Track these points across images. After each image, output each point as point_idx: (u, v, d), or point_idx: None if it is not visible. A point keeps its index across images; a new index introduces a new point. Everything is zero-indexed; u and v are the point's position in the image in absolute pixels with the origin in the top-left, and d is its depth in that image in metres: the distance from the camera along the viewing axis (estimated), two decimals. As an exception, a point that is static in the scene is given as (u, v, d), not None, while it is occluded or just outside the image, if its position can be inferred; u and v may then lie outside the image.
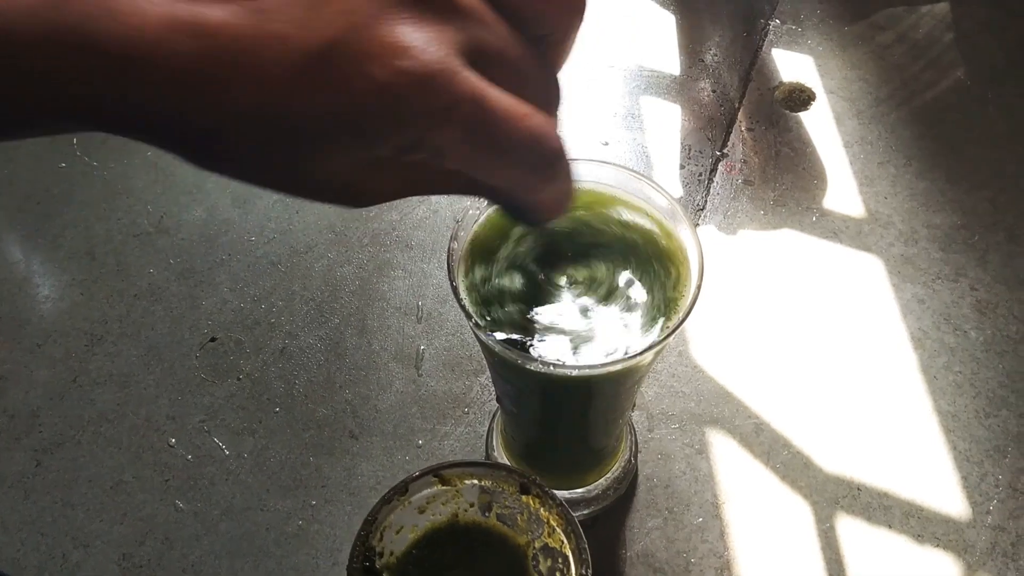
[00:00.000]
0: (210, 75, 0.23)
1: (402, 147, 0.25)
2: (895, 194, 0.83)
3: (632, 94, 0.94)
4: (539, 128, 0.26)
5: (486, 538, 0.46)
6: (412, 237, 0.80)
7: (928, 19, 1.01)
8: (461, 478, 0.44)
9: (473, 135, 0.25)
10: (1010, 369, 0.70)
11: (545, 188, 0.28)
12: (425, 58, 0.23)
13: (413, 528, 0.45)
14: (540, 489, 0.44)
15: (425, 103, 0.23)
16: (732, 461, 0.66)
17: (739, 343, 0.73)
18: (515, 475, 0.44)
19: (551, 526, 0.44)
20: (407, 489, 0.43)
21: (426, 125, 0.24)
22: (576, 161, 0.49)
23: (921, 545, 0.61)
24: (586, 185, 0.50)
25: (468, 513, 0.46)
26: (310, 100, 0.23)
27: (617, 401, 0.51)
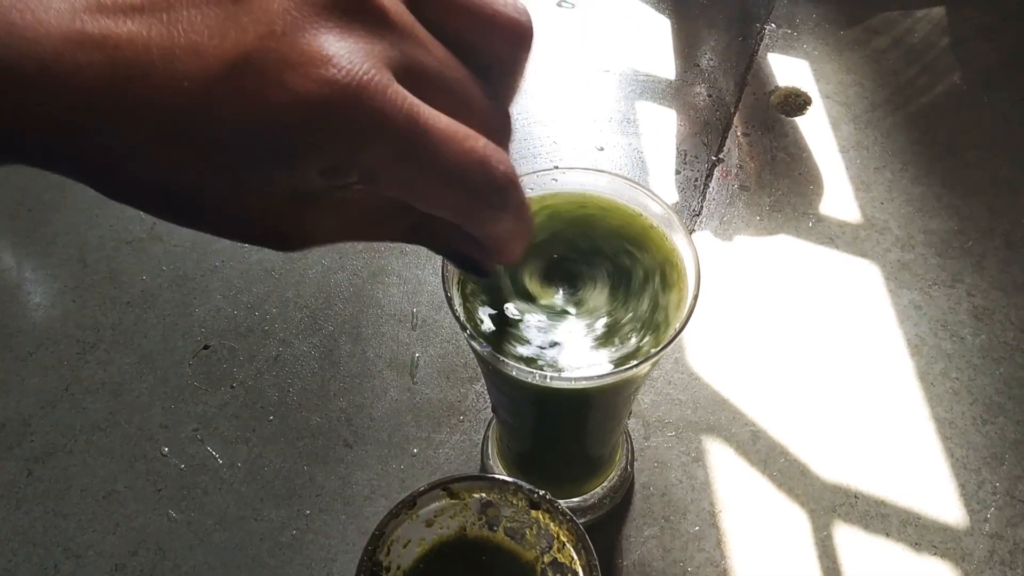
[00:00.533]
0: (118, 90, 0.21)
1: (328, 169, 0.23)
2: (891, 199, 0.83)
3: (627, 99, 0.94)
4: (482, 151, 0.24)
5: (494, 553, 0.45)
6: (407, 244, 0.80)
7: (924, 23, 1.01)
8: (470, 492, 0.44)
9: (407, 155, 0.23)
10: (1007, 375, 0.70)
11: (494, 221, 0.26)
12: (352, 69, 0.21)
13: (420, 542, 0.45)
14: (550, 504, 0.43)
15: (351, 117, 0.22)
16: (729, 469, 0.65)
17: (735, 350, 0.72)
18: (524, 489, 0.43)
19: (561, 541, 0.44)
20: (415, 503, 0.42)
21: (353, 142, 0.22)
22: (571, 170, 0.49)
23: (919, 553, 0.61)
24: (582, 192, 0.49)
25: (476, 527, 0.45)
26: (223, 115, 0.21)
27: (614, 411, 0.51)
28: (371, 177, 0.23)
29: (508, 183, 0.25)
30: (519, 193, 0.26)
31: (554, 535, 0.44)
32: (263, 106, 0.21)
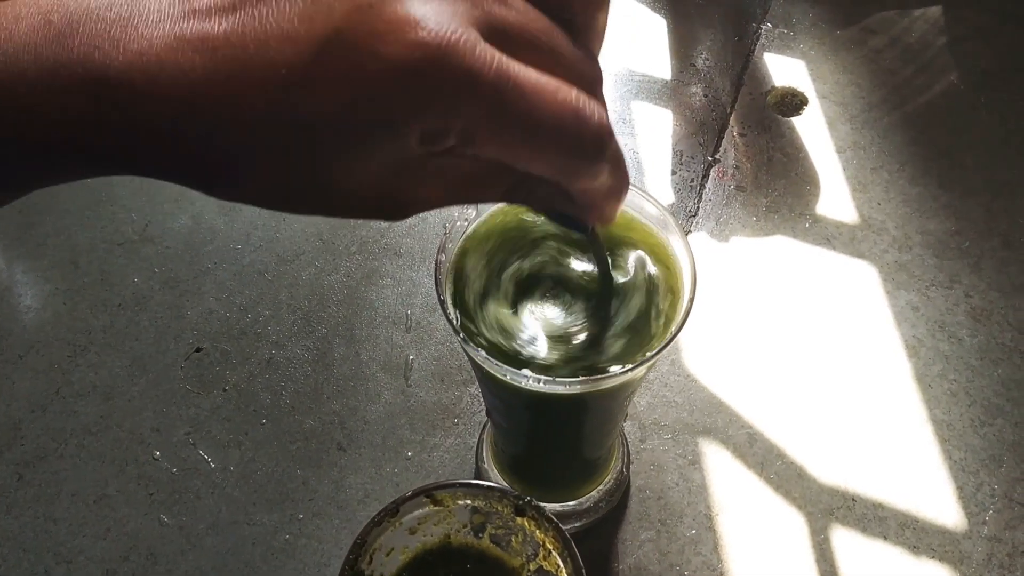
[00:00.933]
0: (219, 87, 0.21)
1: (427, 136, 0.23)
2: (888, 200, 0.83)
3: (623, 99, 0.93)
4: (575, 102, 0.24)
5: (479, 560, 0.45)
6: (401, 245, 0.79)
7: (920, 23, 1.01)
8: (454, 498, 0.43)
9: (500, 112, 0.23)
10: (1005, 377, 0.70)
11: (592, 174, 0.26)
12: (438, 30, 0.21)
13: (404, 550, 0.44)
14: (535, 511, 0.43)
15: (442, 79, 0.22)
16: (725, 472, 0.65)
17: (732, 352, 0.72)
18: (510, 496, 0.43)
19: (547, 548, 0.43)
20: (398, 510, 0.42)
21: (446, 104, 0.22)
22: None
23: (917, 556, 0.61)
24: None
25: (461, 534, 0.45)
26: (323, 94, 0.22)
27: (609, 415, 0.50)
28: (468, 138, 0.23)
29: (603, 132, 0.25)
30: (615, 144, 0.26)
31: (540, 542, 0.43)
32: (358, 78, 0.22)
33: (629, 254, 0.46)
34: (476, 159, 0.25)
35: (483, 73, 0.22)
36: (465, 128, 0.23)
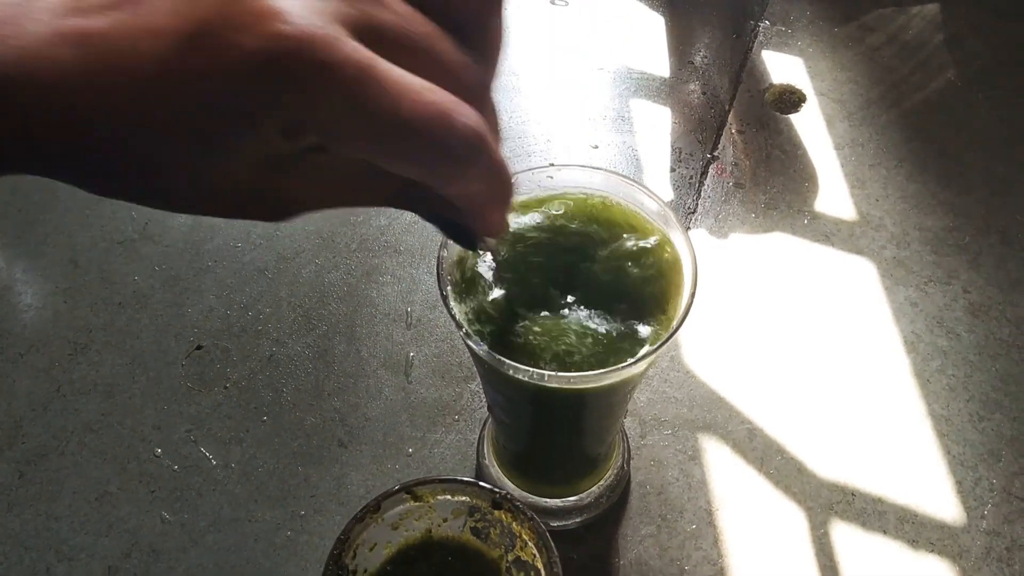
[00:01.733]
0: (92, 82, 0.22)
1: (287, 130, 0.23)
2: (887, 196, 0.83)
3: (622, 97, 0.93)
4: (442, 103, 0.23)
5: (460, 553, 0.46)
6: (401, 242, 0.79)
7: (918, 20, 1.01)
8: (433, 494, 0.44)
9: (359, 108, 0.22)
10: (1003, 372, 0.70)
11: (462, 178, 0.25)
12: (300, 23, 0.22)
13: (387, 545, 0.45)
14: (512, 504, 0.43)
15: (297, 70, 0.22)
16: (725, 467, 0.65)
17: (731, 348, 0.72)
18: (487, 490, 0.43)
19: (523, 539, 0.44)
20: (379, 507, 0.43)
21: (300, 96, 0.22)
22: (567, 167, 0.49)
23: (916, 551, 0.61)
24: (577, 190, 0.49)
25: (441, 528, 0.46)
26: (186, 87, 0.22)
27: (610, 410, 0.51)
28: (330, 135, 0.23)
29: (472, 136, 0.24)
30: (488, 149, 0.25)
31: (516, 534, 0.44)
32: (219, 70, 0.22)
33: (630, 248, 0.47)
34: (350, 160, 0.25)
35: (342, 67, 0.22)
36: (324, 123, 0.23)
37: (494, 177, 0.26)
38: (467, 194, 0.26)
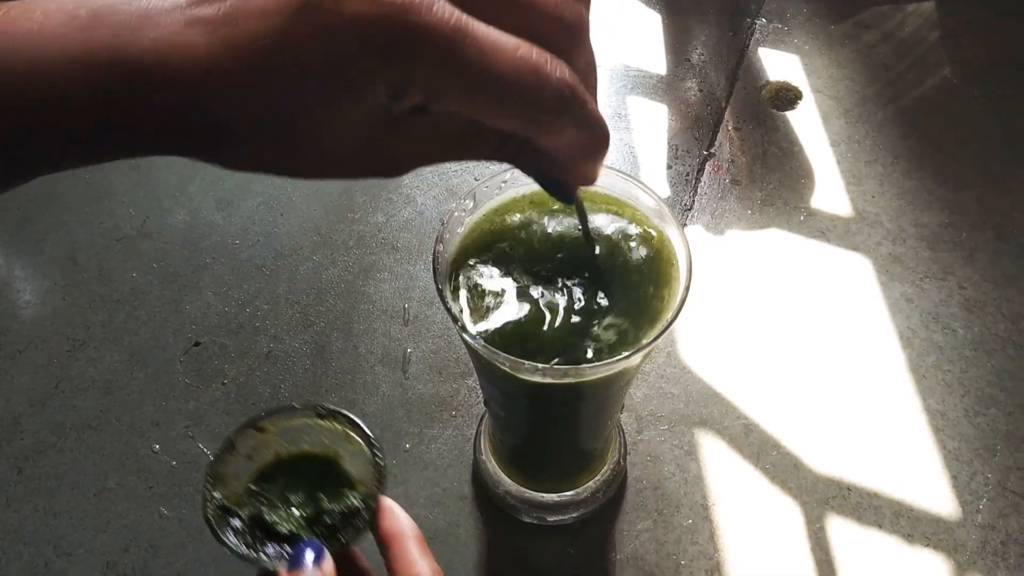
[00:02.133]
0: (220, 63, 0.24)
1: (394, 91, 0.24)
2: (882, 193, 0.83)
3: (619, 94, 0.94)
4: (535, 59, 0.25)
5: (307, 461, 0.55)
6: (398, 239, 0.80)
7: (914, 18, 1.01)
8: (274, 424, 0.53)
9: (456, 67, 0.24)
10: (999, 367, 0.70)
11: (557, 129, 0.27)
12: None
13: (248, 473, 0.53)
14: (331, 412, 0.53)
15: (397, 34, 0.23)
16: (722, 462, 0.65)
17: (728, 343, 0.72)
18: (311, 408, 0.53)
19: (348, 434, 0.53)
20: (234, 444, 0.51)
21: (402, 57, 0.24)
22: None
23: (911, 545, 0.61)
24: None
25: (286, 449, 0.54)
26: (298, 56, 0.24)
27: (606, 404, 0.51)
28: (431, 93, 0.25)
29: (563, 88, 0.26)
30: (579, 100, 0.27)
31: (342, 434, 0.54)
32: (328, 37, 0.24)
33: (625, 243, 0.47)
34: (453, 116, 0.26)
35: (438, 28, 0.23)
36: (426, 82, 0.24)
37: (587, 127, 0.28)
38: (562, 145, 0.28)
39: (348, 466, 0.56)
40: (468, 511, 0.63)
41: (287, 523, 0.54)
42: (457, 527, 0.62)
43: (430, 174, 0.85)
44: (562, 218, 0.48)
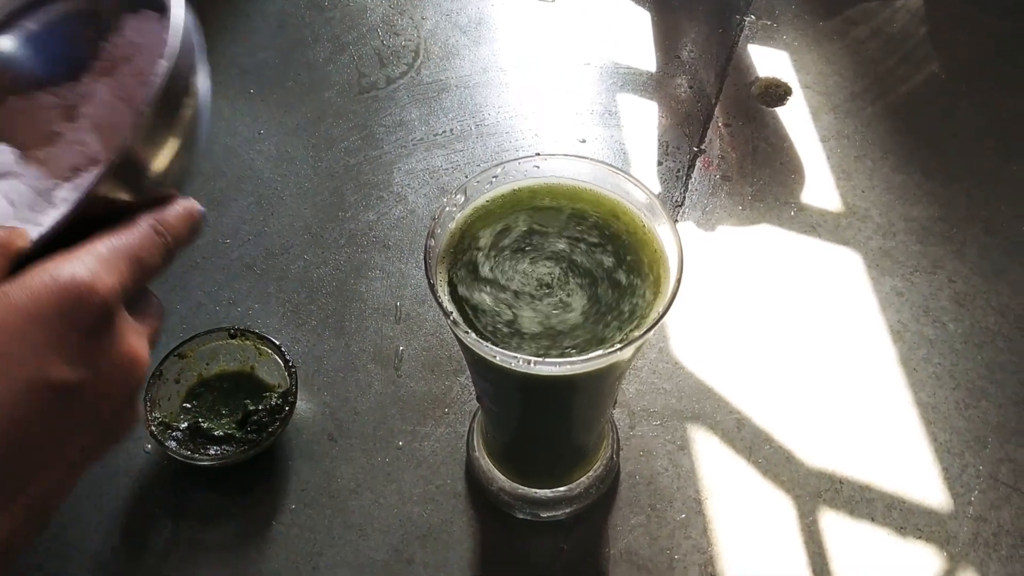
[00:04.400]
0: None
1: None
2: (872, 188, 0.83)
3: (609, 91, 0.94)
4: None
5: (228, 376, 0.68)
6: (389, 237, 0.79)
7: (902, 14, 1.02)
8: (194, 349, 0.66)
9: None
10: (989, 360, 0.71)
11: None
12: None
13: (177, 393, 0.66)
14: (242, 332, 0.67)
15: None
16: (714, 457, 0.65)
17: (720, 339, 0.72)
18: (223, 330, 0.67)
19: (259, 348, 0.67)
20: (161, 372, 0.65)
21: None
22: (553, 157, 0.49)
23: (904, 537, 0.61)
24: (564, 181, 0.49)
25: (208, 369, 0.68)
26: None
27: (598, 398, 0.51)
28: None
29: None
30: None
31: (253, 349, 0.67)
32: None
33: (616, 237, 0.47)
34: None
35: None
36: None
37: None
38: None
39: (263, 374, 0.68)
40: (462, 508, 0.63)
41: (221, 428, 0.65)
42: (451, 524, 0.62)
43: (421, 173, 0.85)
44: (553, 213, 0.48)
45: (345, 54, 0.98)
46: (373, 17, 1.03)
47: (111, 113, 0.47)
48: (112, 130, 0.46)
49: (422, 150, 0.87)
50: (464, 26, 1.02)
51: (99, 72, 0.50)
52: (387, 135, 0.89)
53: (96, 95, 0.48)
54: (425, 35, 1.01)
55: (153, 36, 0.48)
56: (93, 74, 0.50)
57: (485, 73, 0.96)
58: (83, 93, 0.49)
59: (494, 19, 1.03)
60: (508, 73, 0.96)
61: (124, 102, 0.48)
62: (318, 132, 0.90)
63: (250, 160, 0.87)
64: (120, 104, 0.48)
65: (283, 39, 1.00)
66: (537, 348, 0.43)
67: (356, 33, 1.01)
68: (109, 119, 0.47)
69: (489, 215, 0.48)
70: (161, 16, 0.45)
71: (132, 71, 0.48)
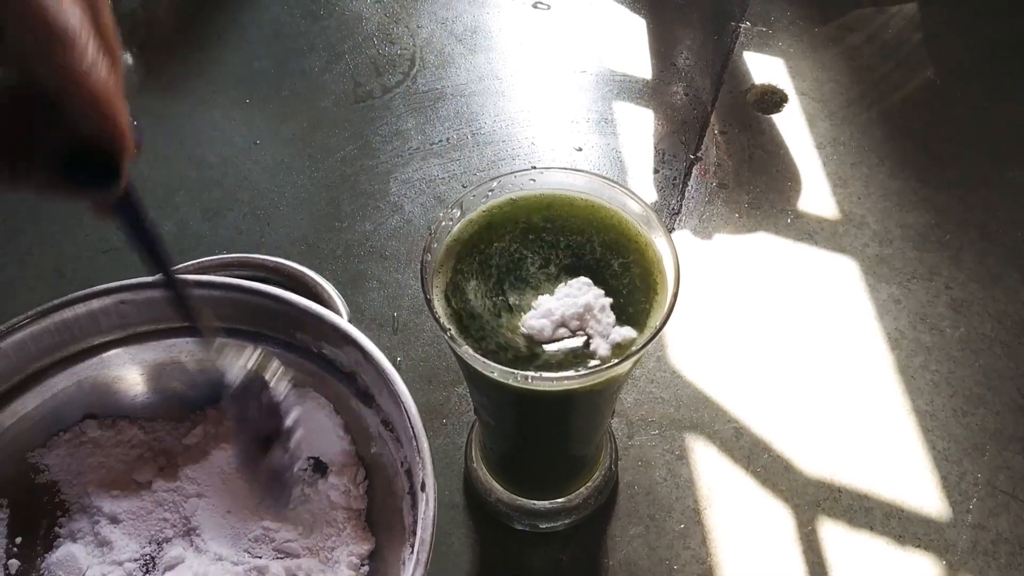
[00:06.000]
0: None
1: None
2: (868, 194, 0.83)
3: (605, 99, 0.94)
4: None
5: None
6: (386, 247, 0.79)
7: (897, 20, 1.02)
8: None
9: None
10: (986, 367, 0.71)
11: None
12: None
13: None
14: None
15: None
16: (713, 466, 0.65)
17: (717, 347, 0.72)
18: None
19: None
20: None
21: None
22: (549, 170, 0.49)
23: (903, 546, 0.61)
24: (560, 193, 0.49)
25: None
26: None
27: (596, 411, 0.51)
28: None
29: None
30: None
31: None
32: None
33: (613, 251, 0.47)
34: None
35: None
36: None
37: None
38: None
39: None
40: (460, 519, 0.63)
41: None
42: (449, 536, 0.62)
43: (418, 182, 0.85)
44: (549, 227, 0.48)
45: (341, 63, 0.98)
46: (368, 26, 1.03)
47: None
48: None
49: (418, 159, 0.87)
50: (460, 34, 1.02)
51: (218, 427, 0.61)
52: (383, 144, 0.89)
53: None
54: (421, 44, 1.01)
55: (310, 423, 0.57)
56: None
57: (481, 81, 0.96)
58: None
59: (489, 27, 1.03)
60: (504, 81, 0.96)
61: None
62: (314, 142, 0.89)
63: (246, 171, 0.87)
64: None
65: (278, 48, 1.00)
66: (534, 363, 0.43)
67: (351, 42, 1.01)
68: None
69: (485, 228, 0.48)
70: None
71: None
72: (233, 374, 0.47)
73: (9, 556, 0.55)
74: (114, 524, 0.56)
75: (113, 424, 0.60)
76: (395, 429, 0.53)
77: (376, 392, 0.55)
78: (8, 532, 0.56)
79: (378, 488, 0.57)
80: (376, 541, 0.56)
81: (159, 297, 0.58)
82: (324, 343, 0.57)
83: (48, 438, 0.59)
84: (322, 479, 0.57)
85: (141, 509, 0.57)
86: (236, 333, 0.58)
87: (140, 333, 0.60)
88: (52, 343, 0.58)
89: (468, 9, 1.05)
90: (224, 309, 0.58)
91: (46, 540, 0.57)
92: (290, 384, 0.50)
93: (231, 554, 0.55)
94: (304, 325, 0.57)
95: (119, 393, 0.61)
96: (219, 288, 0.58)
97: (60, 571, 0.54)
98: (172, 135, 0.90)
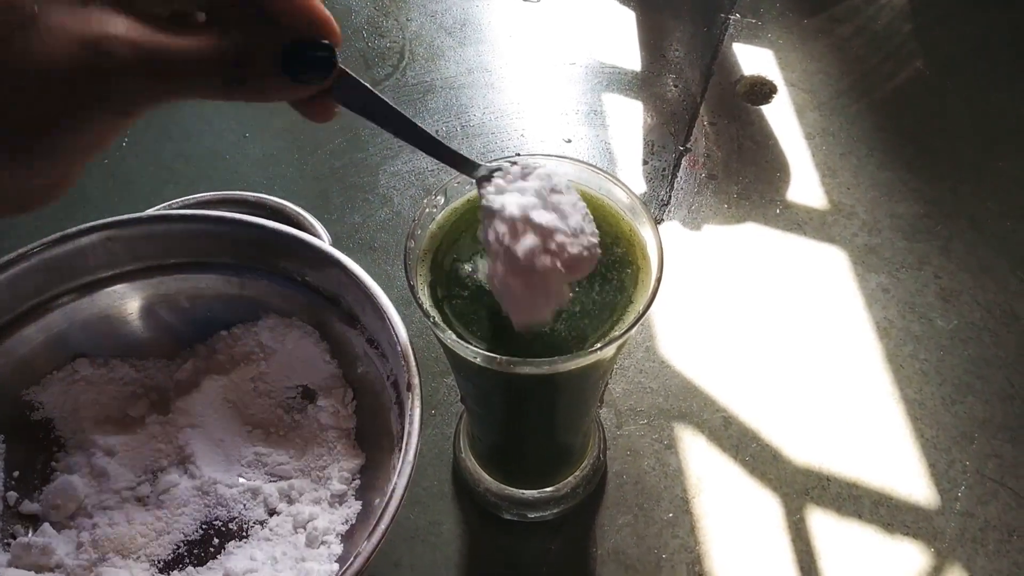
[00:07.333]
0: None
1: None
2: (858, 185, 0.83)
3: (594, 91, 0.94)
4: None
5: None
6: (375, 239, 0.79)
7: (887, 11, 1.02)
8: None
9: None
10: (975, 356, 0.71)
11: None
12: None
13: None
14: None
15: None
16: (701, 455, 0.65)
17: (706, 337, 0.72)
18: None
19: None
20: None
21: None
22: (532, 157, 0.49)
23: (891, 534, 0.61)
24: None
25: None
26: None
27: (581, 398, 0.51)
28: None
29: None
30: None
31: None
32: None
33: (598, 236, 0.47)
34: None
35: None
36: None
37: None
38: None
39: None
40: (449, 510, 0.63)
41: None
42: (438, 526, 0.62)
43: (407, 174, 0.85)
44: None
45: (330, 56, 0.98)
46: (358, 19, 1.03)
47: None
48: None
49: (407, 152, 0.87)
50: (449, 27, 1.02)
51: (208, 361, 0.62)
52: (372, 137, 0.89)
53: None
54: (410, 37, 1.01)
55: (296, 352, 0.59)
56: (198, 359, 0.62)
57: (470, 74, 0.96)
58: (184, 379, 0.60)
59: (479, 20, 1.03)
60: (493, 74, 0.96)
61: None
62: (303, 135, 0.89)
63: (235, 163, 0.87)
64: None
65: (268, 42, 1.00)
66: (518, 347, 0.43)
67: (341, 35, 1.01)
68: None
69: (469, 215, 0.48)
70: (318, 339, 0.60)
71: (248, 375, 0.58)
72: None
73: (7, 489, 0.56)
74: (110, 456, 0.57)
75: (105, 363, 0.61)
76: (380, 345, 0.55)
77: (360, 311, 0.56)
78: (5, 466, 0.56)
79: (366, 406, 0.59)
80: (366, 456, 0.58)
81: (146, 233, 0.58)
82: (307, 269, 0.58)
83: (41, 376, 0.59)
84: (311, 404, 0.60)
85: (136, 442, 0.58)
86: (220, 267, 0.59)
87: (129, 271, 0.60)
88: (41, 282, 0.58)
89: (457, 2, 1.05)
90: (208, 242, 0.59)
91: (43, 474, 0.57)
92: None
93: (225, 479, 0.57)
94: (287, 252, 0.58)
95: (110, 331, 0.61)
96: (202, 221, 0.59)
97: (58, 500, 0.55)
98: (161, 129, 0.90)
